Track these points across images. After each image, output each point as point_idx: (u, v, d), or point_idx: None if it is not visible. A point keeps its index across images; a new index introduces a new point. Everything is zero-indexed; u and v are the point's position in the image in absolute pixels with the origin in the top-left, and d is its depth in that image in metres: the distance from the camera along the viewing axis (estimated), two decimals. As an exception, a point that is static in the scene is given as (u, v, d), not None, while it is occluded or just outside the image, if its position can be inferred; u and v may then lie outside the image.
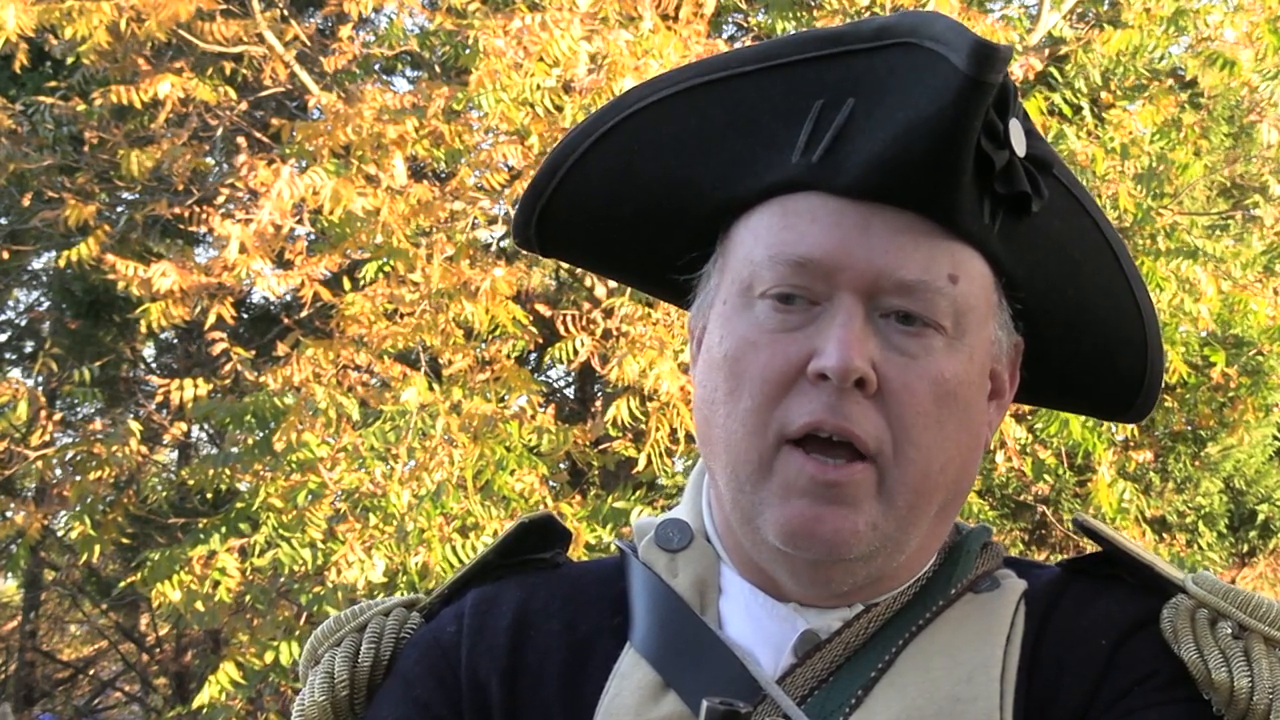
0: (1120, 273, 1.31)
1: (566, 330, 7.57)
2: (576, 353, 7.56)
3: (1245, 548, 10.31)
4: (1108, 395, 1.37)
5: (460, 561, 6.57)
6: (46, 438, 8.79)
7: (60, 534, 11.02)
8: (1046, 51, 8.97)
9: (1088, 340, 1.32)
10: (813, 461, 1.17)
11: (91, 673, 14.54)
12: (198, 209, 8.19)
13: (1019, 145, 1.20)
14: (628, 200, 1.30)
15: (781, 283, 1.19)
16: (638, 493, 7.85)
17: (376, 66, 9.72)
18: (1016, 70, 8.02)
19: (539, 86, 7.39)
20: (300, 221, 7.80)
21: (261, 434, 7.66)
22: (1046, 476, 8.84)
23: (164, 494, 8.82)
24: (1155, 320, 1.34)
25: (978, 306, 1.22)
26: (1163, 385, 1.37)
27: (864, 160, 1.18)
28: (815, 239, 1.19)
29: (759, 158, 1.23)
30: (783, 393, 1.18)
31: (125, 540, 9.05)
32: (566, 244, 1.37)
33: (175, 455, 12.36)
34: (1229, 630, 1.20)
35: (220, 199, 8.16)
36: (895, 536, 1.20)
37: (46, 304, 12.32)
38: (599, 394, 9.51)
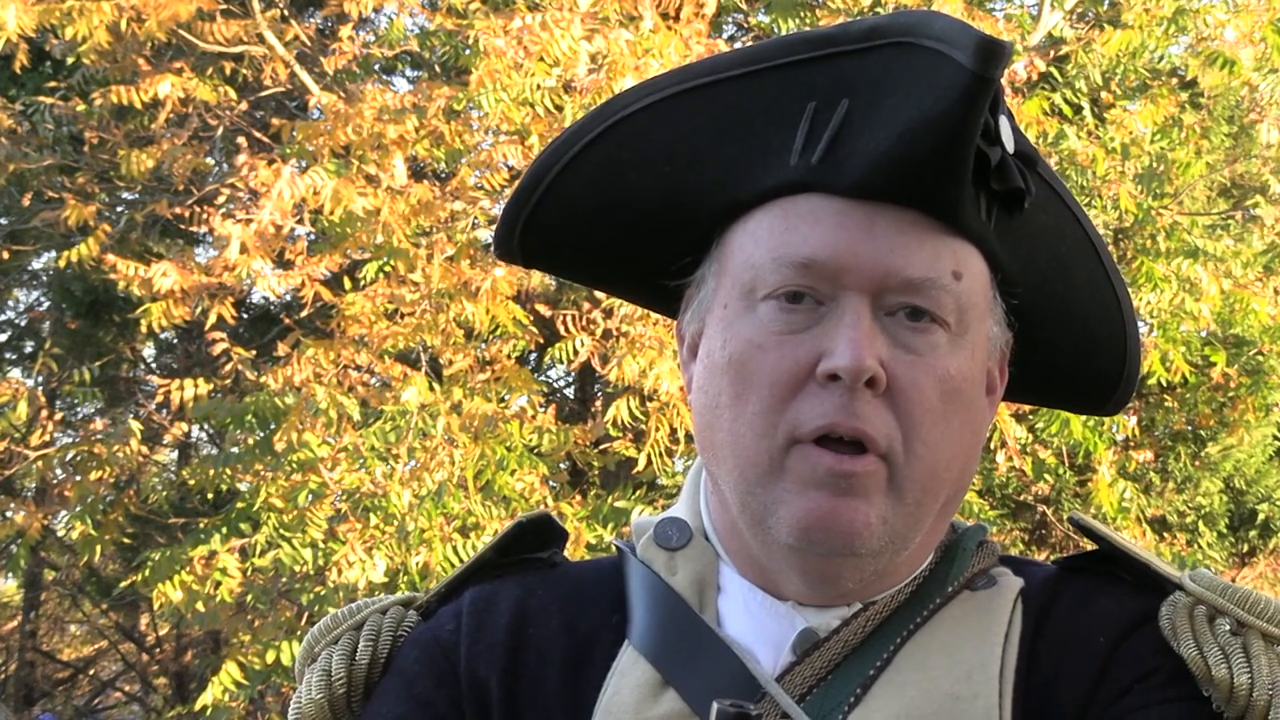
0: (1100, 266, 1.32)
1: (566, 330, 7.56)
2: (576, 353, 7.55)
3: (1245, 548, 10.31)
4: (1087, 389, 1.38)
5: (461, 561, 6.54)
6: (46, 438, 8.79)
7: (60, 534, 11.03)
8: (1051, 54, 8.97)
9: (1074, 334, 1.33)
10: (829, 454, 1.17)
11: (91, 673, 14.53)
12: (198, 209, 8.19)
13: (1009, 142, 1.21)
14: (617, 209, 1.29)
15: (787, 283, 1.19)
16: (638, 493, 7.85)
17: (376, 66, 9.71)
18: (1019, 70, 8.03)
19: (539, 86, 7.38)
20: (300, 221, 7.79)
21: (262, 434, 7.65)
22: (1046, 476, 8.83)
23: (164, 494, 8.83)
24: (1133, 312, 1.36)
25: (978, 303, 1.23)
26: (1139, 378, 1.38)
27: (867, 160, 1.17)
28: (819, 240, 1.18)
29: (754, 161, 1.22)
30: (791, 394, 1.18)
31: (125, 540, 9.05)
32: (551, 255, 1.36)
33: (175, 455, 12.37)
34: (1228, 627, 1.20)
35: (220, 199, 8.16)
36: (902, 533, 1.20)
37: (46, 304, 12.31)
38: (599, 394, 9.50)
